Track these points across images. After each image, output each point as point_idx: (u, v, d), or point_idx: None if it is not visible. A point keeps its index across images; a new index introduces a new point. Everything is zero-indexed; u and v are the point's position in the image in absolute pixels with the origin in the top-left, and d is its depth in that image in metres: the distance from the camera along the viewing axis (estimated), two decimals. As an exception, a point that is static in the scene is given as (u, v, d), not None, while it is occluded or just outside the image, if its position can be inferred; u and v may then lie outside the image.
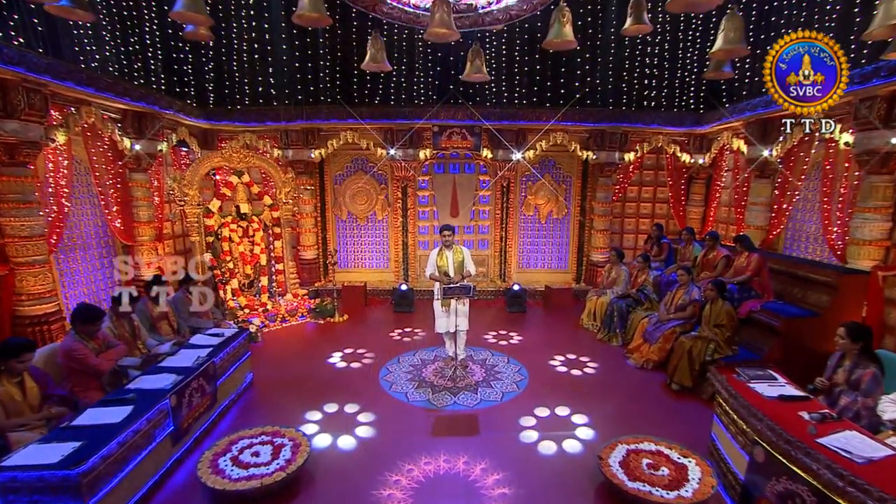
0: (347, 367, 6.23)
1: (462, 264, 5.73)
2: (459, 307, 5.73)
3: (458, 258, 5.74)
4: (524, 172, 9.66)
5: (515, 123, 8.88)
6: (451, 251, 5.73)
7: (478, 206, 9.82)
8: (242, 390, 5.41)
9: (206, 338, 5.20)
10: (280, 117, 8.78)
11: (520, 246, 9.99)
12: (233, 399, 5.16)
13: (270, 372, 6.06)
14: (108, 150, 6.77)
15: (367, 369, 6.16)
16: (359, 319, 8.28)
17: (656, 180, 9.81)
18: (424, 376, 5.93)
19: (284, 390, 5.54)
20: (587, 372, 6.14)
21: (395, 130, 8.94)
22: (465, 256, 5.77)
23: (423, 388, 5.62)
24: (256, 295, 8.26)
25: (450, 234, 5.69)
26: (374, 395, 5.43)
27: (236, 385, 5.29)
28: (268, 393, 5.52)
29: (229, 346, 5.11)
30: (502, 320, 8.25)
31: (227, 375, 5.03)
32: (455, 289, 5.39)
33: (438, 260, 5.73)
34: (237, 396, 5.27)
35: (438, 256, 5.74)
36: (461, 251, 5.77)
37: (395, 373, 6.03)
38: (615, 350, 6.90)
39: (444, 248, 5.76)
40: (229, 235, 7.79)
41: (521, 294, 8.74)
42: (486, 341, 7.16)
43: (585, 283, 9.78)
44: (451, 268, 5.70)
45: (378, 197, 9.71)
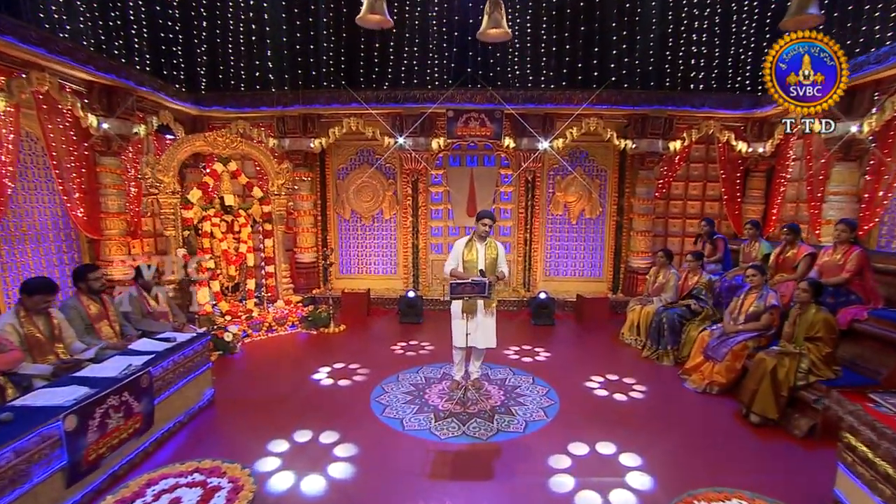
0: (334, 385, 5.16)
1: (496, 263, 4.66)
2: (485, 319, 4.64)
3: (492, 254, 4.66)
4: (552, 165, 8.58)
5: (542, 107, 7.84)
6: (485, 245, 4.66)
7: (498, 203, 8.76)
8: (197, 411, 4.38)
9: (152, 343, 4.21)
10: (275, 102, 7.95)
11: (547, 250, 8.84)
12: (181, 421, 4.13)
13: (240, 388, 5.07)
14: (71, 128, 5.98)
15: (358, 388, 5.08)
16: (358, 330, 7.23)
17: (706, 174, 8.58)
18: (427, 398, 4.80)
19: (251, 412, 4.51)
20: (634, 397, 4.91)
21: (405, 116, 8.01)
22: (500, 254, 4.71)
23: (424, 412, 4.49)
24: (242, 300, 7.30)
25: (490, 223, 4.61)
26: (360, 421, 4.33)
27: (188, 404, 4.26)
28: (230, 414, 4.48)
29: (177, 354, 4.10)
30: (526, 334, 7.08)
31: (172, 391, 4.01)
32: (465, 285, 4.30)
33: (466, 254, 4.66)
34: (188, 418, 4.23)
35: (467, 249, 4.66)
36: (496, 247, 4.71)
37: (392, 393, 4.92)
38: (667, 370, 5.65)
39: (475, 240, 4.69)
40: (211, 230, 6.88)
41: (548, 304, 7.56)
42: (507, 357, 6.01)
43: (624, 293, 8.53)
44: (482, 265, 4.60)
45: (385, 193, 8.74)
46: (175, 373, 4.07)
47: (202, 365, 4.53)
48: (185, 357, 4.23)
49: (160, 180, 6.31)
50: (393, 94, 7.93)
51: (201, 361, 4.51)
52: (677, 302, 6.24)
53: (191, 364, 4.32)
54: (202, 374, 4.52)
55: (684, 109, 7.67)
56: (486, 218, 4.66)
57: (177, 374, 4.09)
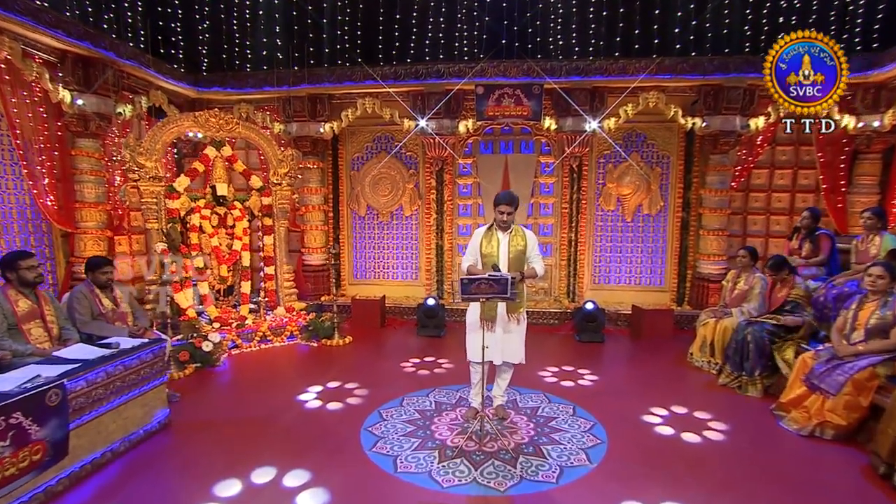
0: (321, 409, 4.40)
1: (523, 256, 3.88)
2: (509, 327, 3.88)
3: (518, 246, 3.88)
4: (602, 151, 7.61)
5: (589, 80, 6.93)
6: (508, 235, 3.90)
7: (537, 197, 7.86)
8: (142, 436, 3.71)
9: (87, 350, 3.58)
10: (280, 81, 7.41)
11: (596, 253, 7.84)
12: (115, 451, 3.45)
13: (208, 409, 4.43)
14: (41, 104, 5.58)
15: (350, 414, 4.30)
16: (366, 343, 6.49)
17: (797, 159, 7.35)
18: (434, 430, 3.95)
19: (211, 440, 3.82)
20: (711, 438, 3.87)
21: (427, 94, 7.29)
22: (530, 245, 3.93)
23: (426, 448, 3.64)
24: (235, 306, 6.70)
25: (509, 209, 3.84)
26: (342, 457, 3.54)
27: (128, 428, 3.59)
28: (184, 443, 3.78)
29: (113, 365, 3.44)
30: (569, 352, 6.13)
31: (102, 411, 3.35)
32: (480, 282, 3.46)
33: (485, 245, 3.91)
34: (126, 446, 3.56)
35: (485, 240, 3.92)
36: (523, 236, 3.94)
37: (390, 422, 4.10)
38: (754, 404, 4.55)
39: (495, 230, 3.93)
40: (200, 224, 6.33)
41: (596, 316, 6.56)
42: (542, 380, 5.08)
43: (691, 304, 7.40)
44: (505, 259, 3.85)
45: (405, 186, 8.02)
46: (109, 388, 3.40)
47: (154, 379, 3.87)
48: (127, 368, 3.56)
49: (141, 164, 5.81)
50: (414, 70, 7.23)
51: (152, 374, 3.85)
52: (764, 315, 5.12)
53: (134, 377, 3.65)
54: (153, 390, 3.85)
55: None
56: (504, 204, 3.87)
57: (111, 390, 3.43)
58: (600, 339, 6.49)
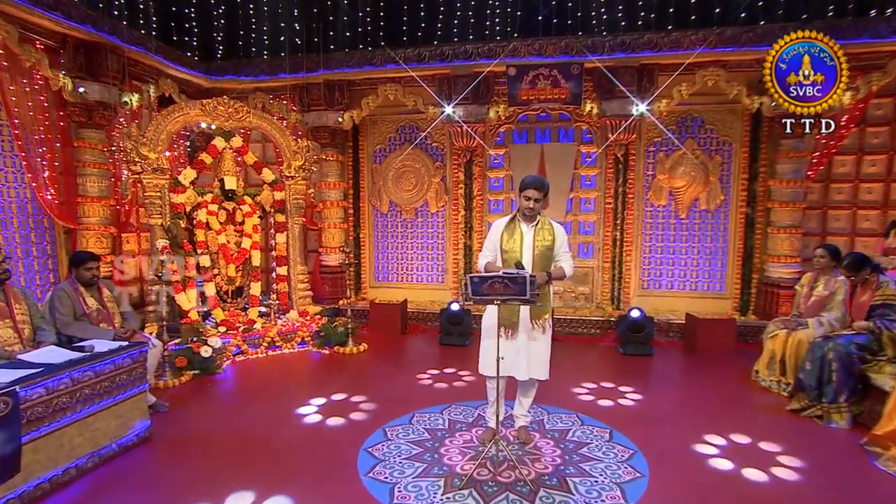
0: (320, 424, 4.10)
1: (550, 253, 3.51)
2: (532, 336, 3.50)
3: (545, 241, 3.50)
4: (652, 138, 7.05)
5: (637, 56, 6.42)
6: (533, 228, 3.51)
7: (578, 191, 7.37)
8: (115, 451, 3.48)
9: (57, 353, 3.39)
10: (295, 68, 7.22)
11: (644, 254, 7.27)
12: (81, 467, 3.23)
13: (197, 421, 4.21)
14: (41, 92, 5.55)
15: (351, 431, 3.98)
16: (382, 351, 6.19)
17: (894, 142, 6.51)
18: (443, 453, 3.56)
19: (192, 457, 3.59)
20: (781, 477, 3.30)
21: (454, 78, 6.96)
22: (558, 240, 3.55)
23: (431, 476, 3.26)
24: (244, 308, 6.51)
25: (537, 195, 3.42)
26: (332, 482, 3.21)
27: (99, 441, 3.38)
28: (161, 459, 3.55)
29: (81, 370, 3.23)
30: (610, 366, 5.64)
31: (65, 422, 3.13)
32: (493, 280, 3.06)
33: (506, 240, 3.52)
34: (95, 462, 3.34)
35: (506, 233, 3.53)
36: (551, 229, 3.55)
37: (395, 441, 3.74)
38: (839, 436, 3.93)
39: (518, 221, 3.54)
40: (207, 220, 6.18)
41: (644, 325, 6.00)
42: (576, 397, 4.61)
43: (757, 314, 6.71)
44: (529, 256, 3.47)
45: (431, 180, 7.69)
46: (75, 396, 3.19)
47: (132, 386, 3.65)
48: (98, 374, 3.35)
49: (144, 156, 5.70)
50: (440, 51, 6.92)
51: (129, 381, 3.63)
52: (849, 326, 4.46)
53: (108, 384, 3.43)
54: (130, 399, 3.63)
55: (860, 43, 5.77)
56: (531, 188, 3.46)
57: (78, 399, 3.21)
58: (648, 353, 5.92)
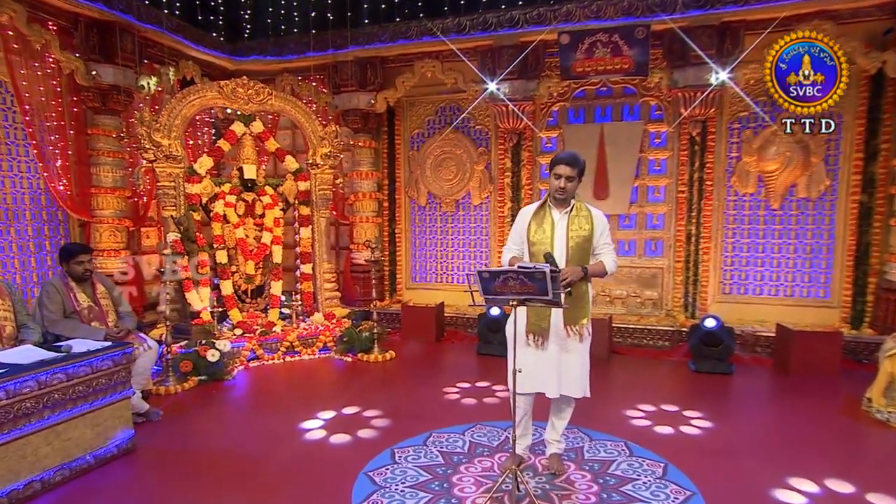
0: (322, 442, 3.91)
1: (588, 245, 3.16)
2: (566, 345, 3.16)
3: (581, 230, 3.14)
4: (736, 113, 6.44)
5: (716, 12, 5.86)
6: (567, 215, 3.17)
7: (644, 178, 6.85)
8: (91, 464, 3.41)
9: (32, 352, 3.36)
10: (325, 45, 7.13)
11: (725, 252, 6.64)
12: (47, 481, 3.16)
13: (190, 433, 4.14)
14: (54, 76, 5.72)
15: (354, 450, 3.76)
16: (411, 360, 6.03)
17: None
18: (455, 482, 3.26)
19: (175, 474, 3.48)
20: (892, 539, 2.75)
21: (498, 50, 6.66)
22: (598, 229, 3.18)
23: (434, 512, 2.96)
24: (265, 310, 6.46)
25: (569, 172, 3.08)
26: (316, 515, 2.97)
27: (70, 453, 3.30)
28: (141, 475, 3.47)
29: (48, 372, 3.16)
30: (676, 385, 5.18)
31: (27, 431, 3.05)
32: (507, 276, 2.73)
33: (533, 230, 3.21)
34: (66, 476, 3.26)
35: (534, 222, 3.22)
36: (588, 216, 3.18)
37: (402, 466, 3.47)
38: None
39: (549, 208, 3.22)
40: (224, 213, 6.17)
41: (721, 337, 5.42)
42: (627, 422, 4.18)
43: (875, 327, 5.92)
44: (561, 248, 3.14)
45: (474, 167, 7.40)
46: (42, 401, 3.12)
47: (112, 392, 3.58)
48: (71, 377, 3.28)
49: (157, 143, 5.76)
50: (482, 20, 6.63)
51: (110, 386, 3.56)
52: None
53: (83, 389, 3.36)
54: (110, 405, 3.56)
55: None
56: (561, 164, 3.11)
57: (46, 404, 3.14)
58: (725, 371, 5.33)
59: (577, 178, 3.11)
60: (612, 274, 3.26)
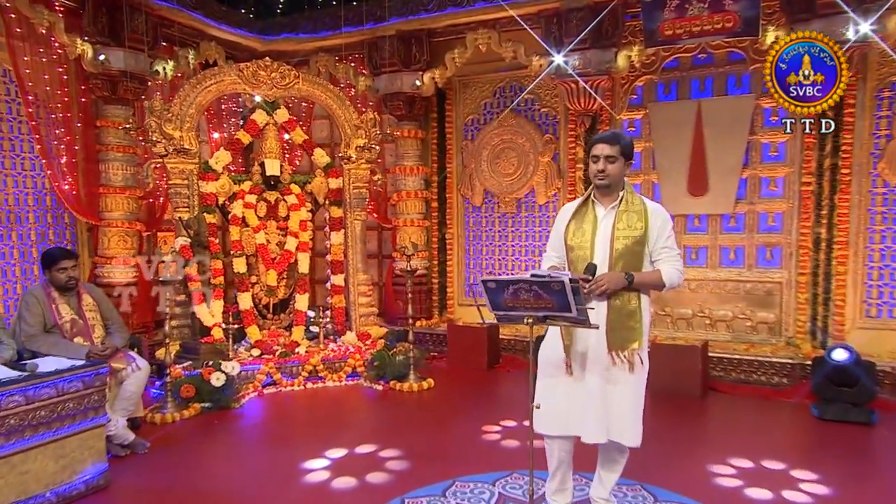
0: (323, 486, 3.86)
1: (641, 248, 2.94)
2: (609, 376, 2.90)
3: (632, 230, 2.92)
4: (885, 78, 5.89)
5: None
6: (613, 211, 2.96)
7: (756, 168, 6.35)
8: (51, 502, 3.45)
9: None
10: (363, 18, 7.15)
11: (869, 263, 6.00)
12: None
13: (175, 470, 4.15)
14: (60, 63, 6.03)
15: (359, 498, 3.70)
16: (453, 389, 6.04)
17: None
18: (468, 552, 3.02)
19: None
20: None
21: (565, 13, 6.43)
22: (654, 228, 2.94)
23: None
24: (288, 327, 6.50)
25: (608, 153, 2.90)
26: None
27: (28, 489, 3.34)
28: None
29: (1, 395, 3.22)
30: (788, 435, 4.90)
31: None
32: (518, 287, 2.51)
33: (572, 232, 3.04)
34: (22, 513, 3.31)
35: (574, 222, 3.05)
36: (641, 212, 2.95)
37: (410, 525, 3.29)
38: None
39: (592, 203, 3.03)
40: (243, 215, 6.27)
41: (856, 375, 4.85)
42: (711, 480, 3.81)
43: None
44: (604, 253, 2.93)
45: (539, 159, 7.18)
46: (-4, 427, 3.19)
47: (83, 419, 3.63)
48: (30, 401, 3.33)
49: (168, 135, 5.93)
50: (546, -22, 6.41)
51: (80, 412, 3.60)
52: None
53: (46, 415, 3.41)
54: (79, 434, 3.60)
55: None
56: (600, 143, 2.94)
57: None
58: (863, 420, 4.76)
59: (622, 158, 2.88)
60: (673, 287, 2.94)
